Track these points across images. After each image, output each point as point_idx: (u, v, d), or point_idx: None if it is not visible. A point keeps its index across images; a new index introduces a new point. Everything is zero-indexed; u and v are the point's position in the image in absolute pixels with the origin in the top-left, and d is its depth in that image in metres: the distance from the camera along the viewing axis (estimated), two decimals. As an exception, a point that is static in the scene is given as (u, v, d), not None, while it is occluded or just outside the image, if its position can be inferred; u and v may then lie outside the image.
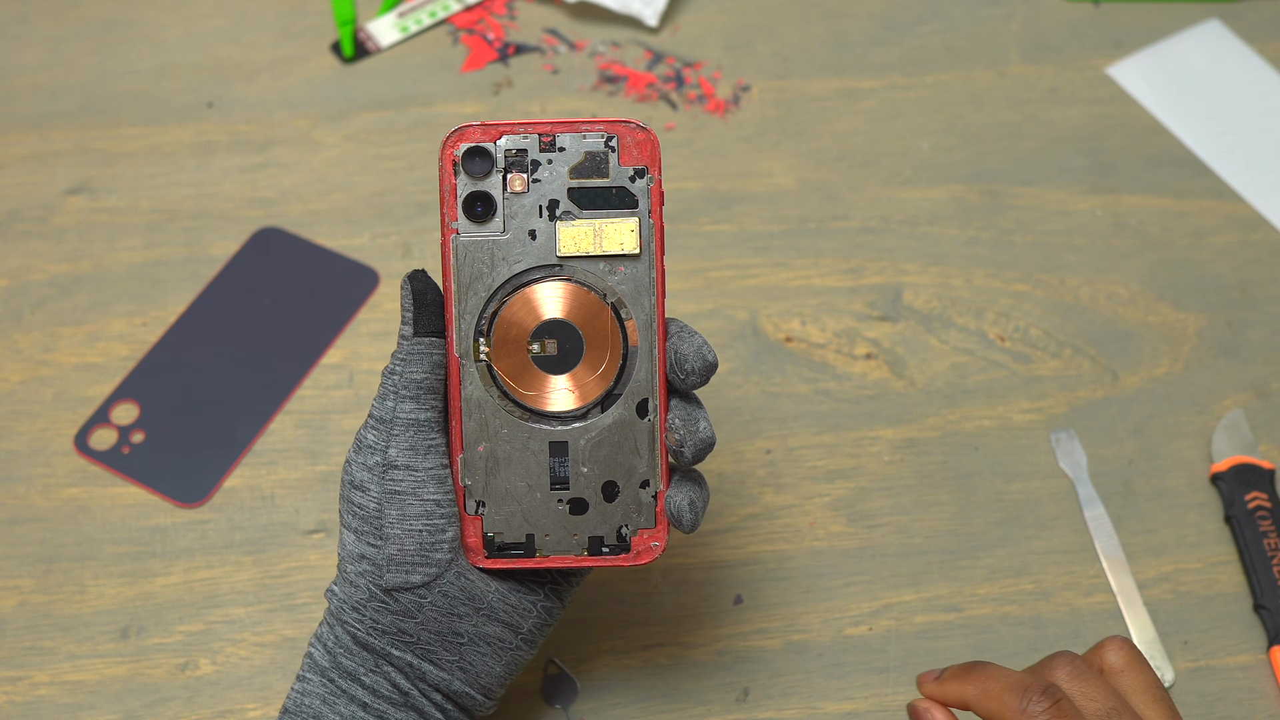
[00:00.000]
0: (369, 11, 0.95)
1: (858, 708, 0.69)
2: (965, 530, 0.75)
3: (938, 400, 0.79)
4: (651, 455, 0.59)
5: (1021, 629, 0.72)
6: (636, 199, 0.58)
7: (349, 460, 0.59)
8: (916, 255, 0.84)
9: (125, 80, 0.91)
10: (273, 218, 0.85)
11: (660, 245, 0.58)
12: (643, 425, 0.59)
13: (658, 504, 0.59)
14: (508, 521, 0.59)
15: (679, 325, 0.59)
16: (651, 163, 0.58)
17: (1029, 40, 0.94)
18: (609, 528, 0.60)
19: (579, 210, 0.58)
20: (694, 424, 0.58)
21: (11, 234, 0.85)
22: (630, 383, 0.59)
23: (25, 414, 0.78)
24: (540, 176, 0.58)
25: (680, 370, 0.58)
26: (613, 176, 0.58)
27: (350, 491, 0.59)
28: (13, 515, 0.75)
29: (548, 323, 0.59)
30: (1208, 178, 0.88)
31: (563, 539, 0.60)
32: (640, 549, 0.60)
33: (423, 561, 0.58)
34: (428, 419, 0.58)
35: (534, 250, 0.58)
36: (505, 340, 0.59)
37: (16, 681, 0.70)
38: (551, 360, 0.59)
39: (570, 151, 0.58)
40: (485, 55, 0.93)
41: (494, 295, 0.58)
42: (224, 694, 0.69)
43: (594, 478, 0.59)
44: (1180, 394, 0.79)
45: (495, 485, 0.59)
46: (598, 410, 0.59)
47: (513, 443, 0.59)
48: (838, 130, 0.90)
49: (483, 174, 0.58)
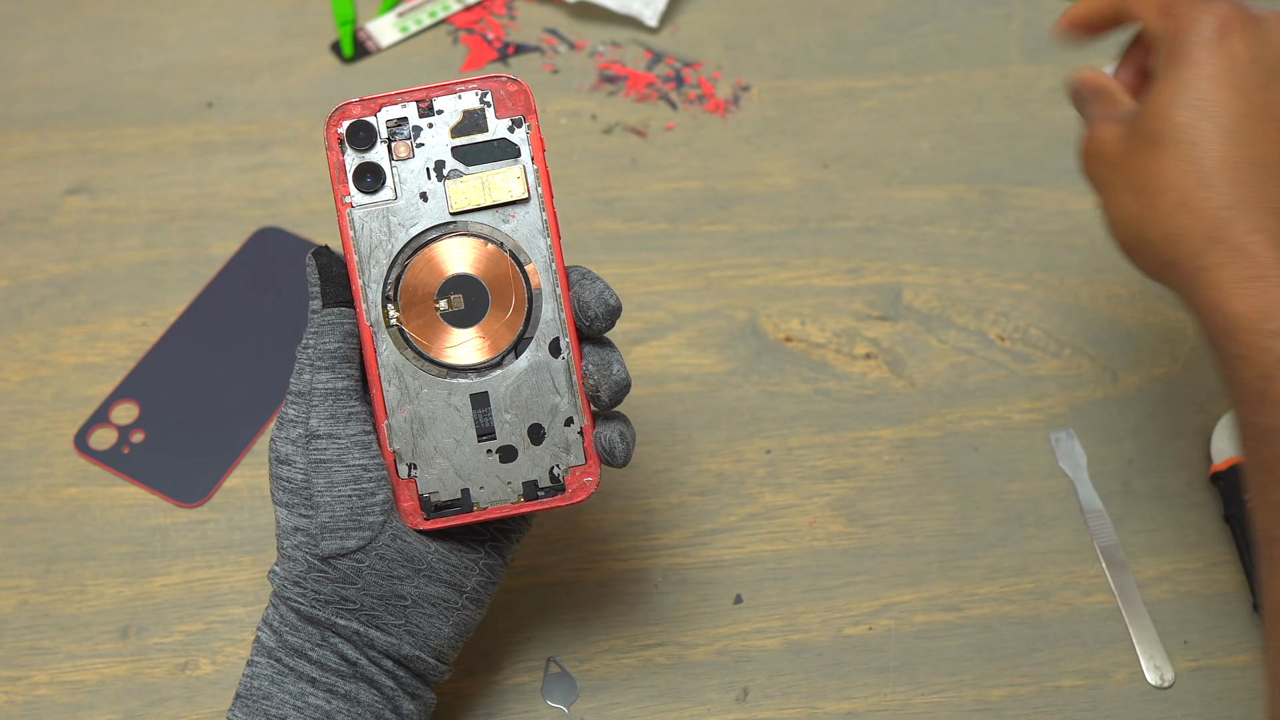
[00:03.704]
0: (369, 11, 0.95)
1: (857, 707, 0.69)
2: (965, 530, 0.75)
3: (937, 400, 0.79)
4: (571, 393, 0.60)
5: (1021, 629, 0.72)
6: (518, 147, 0.60)
7: (273, 438, 0.60)
8: (916, 255, 0.84)
9: (125, 80, 0.91)
10: (273, 218, 0.85)
11: (548, 188, 0.60)
12: (558, 364, 0.60)
13: (585, 440, 0.60)
14: (441, 480, 0.60)
15: (580, 272, 0.60)
16: (527, 111, 0.60)
17: (1029, 40, 0.94)
18: (541, 470, 0.60)
19: (465, 167, 0.60)
20: (607, 368, 0.59)
21: (11, 234, 0.85)
22: (539, 325, 0.60)
23: (25, 414, 0.78)
24: (423, 140, 0.60)
25: (585, 317, 0.59)
26: (492, 130, 0.60)
27: (277, 468, 0.60)
28: (13, 515, 0.75)
29: (451, 279, 0.60)
30: (1208, 177, 0.88)
31: (497, 489, 0.60)
32: (574, 487, 0.60)
33: (355, 526, 0.59)
34: (345, 387, 0.59)
35: (427, 211, 0.60)
36: (413, 302, 0.60)
37: (16, 681, 0.70)
38: (460, 315, 0.60)
39: (448, 113, 0.60)
40: (485, 55, 0.93)
41: (395, 260, 0.60)
42: (224, 694, 0.70)
43: (519, 423, 0.60)
44: (1180, 394, 0.79)
45: (423, 446, 0.60)
46: (512, 356, 0.60)
47: (434, 401, 0.60)
48: (838, 130, 0.90)
49: (368, 146, 0.60)
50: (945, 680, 0.70)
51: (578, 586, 0.73)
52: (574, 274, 0.60)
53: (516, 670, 0.70)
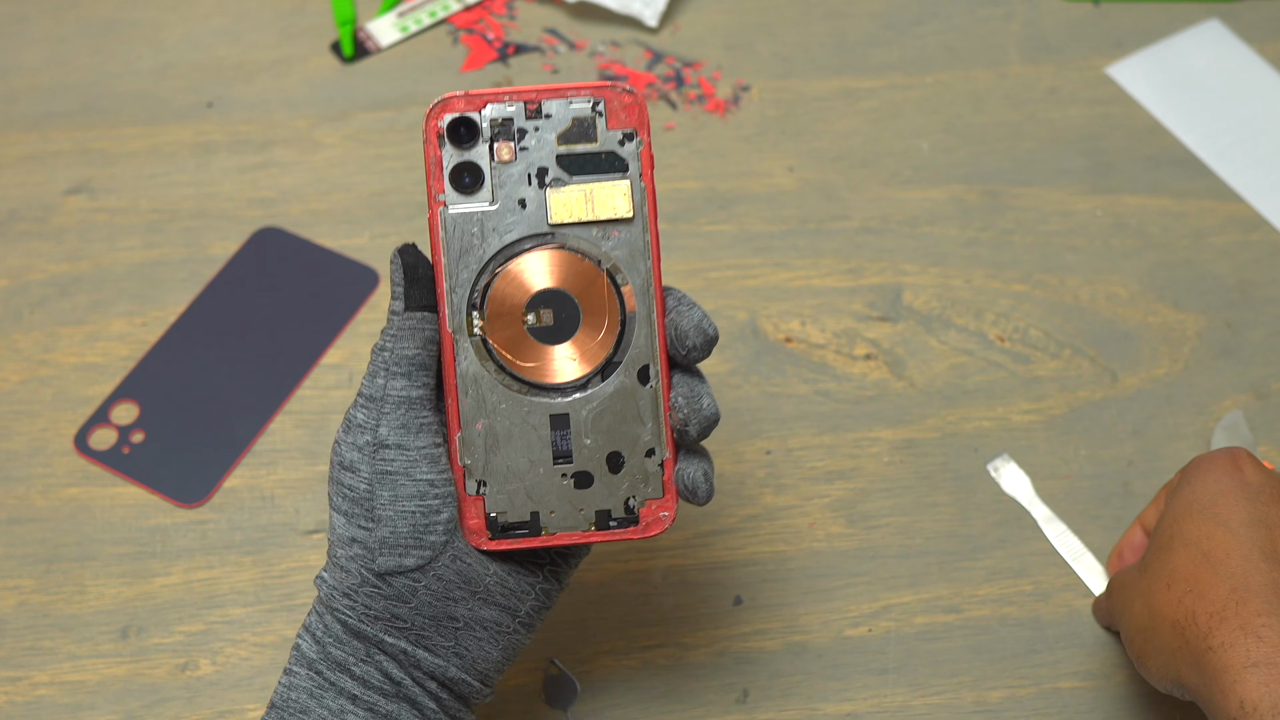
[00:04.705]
0: (369, 11, 0.95)
1: (857, 709, 0.70)
2: (965, 531, 0.75)
3: (937, 401, 0.79)
4: (656, 422, 0.58)
5: (1021, 630, 0.72)
6: (626, 162, 0.57)
7: (338, 441, 0.58)
8: (916, 255, 0.84)
9: (125, 80, 0.91)
10: (273, 218, 0.85)
11: (653, 208, 0.58)
12: (645, 392, 0.58)
13: (665, 473, 0.58)
14: (510, 500, 0.58)
15: (678, 297, 0.58)
16: (640, 125, 0.57)
17: (1029, 40, 0.94)
18: (616, 500, 0.58)
19: (568, 176, 0.57)
20: (697, 401, 0.57)
21: (11, 234, 0.85)
22: (630, 349, 0.58)
23: (25, 414, 0.78)
24: (527, 144, 0.57)
25: (680, 345, 0.57)
26: (601, 141, 0.57)
27: (339, 473, 0.57)
28: (13, 515, 0.75)
29: (542, 292, 0.58)
30: (1208, 178, 0.88)
31: (568, 515, 0.58)
32: (649, 520, 0.58)
33: (416, 544, 0.57)
34: (419, 396, 0.57)
35: (525, 219, 0.57)
36: (499, 312, 0.58)
37: (16, 681, 0.70)
38: (548, 331, 0.58)
39: (557, 118, 0.57)
40: (485, 55, 0.93)
41: (485, 267, 0.57)
42: (224, 694, 0.70)
43: (598, 449, 0.58)
44: (1180, 395, 0.79)
45: (496, 463, 0.58)
46: (598, 379, 0.58)
47: (512, 418, 0.58)
48: (838, 130, 0.90)
49: (468, 144, 0.57)
50: (945, 682, 0.70)
51: (578, 588, 0.73)
52: (671, 298, 0.58)
53: (517, 671, 0.70)
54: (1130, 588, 0.64)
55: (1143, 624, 0.62)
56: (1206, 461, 0.64)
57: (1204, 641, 0.58)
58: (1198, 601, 0.59)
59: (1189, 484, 0.64)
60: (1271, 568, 0.59)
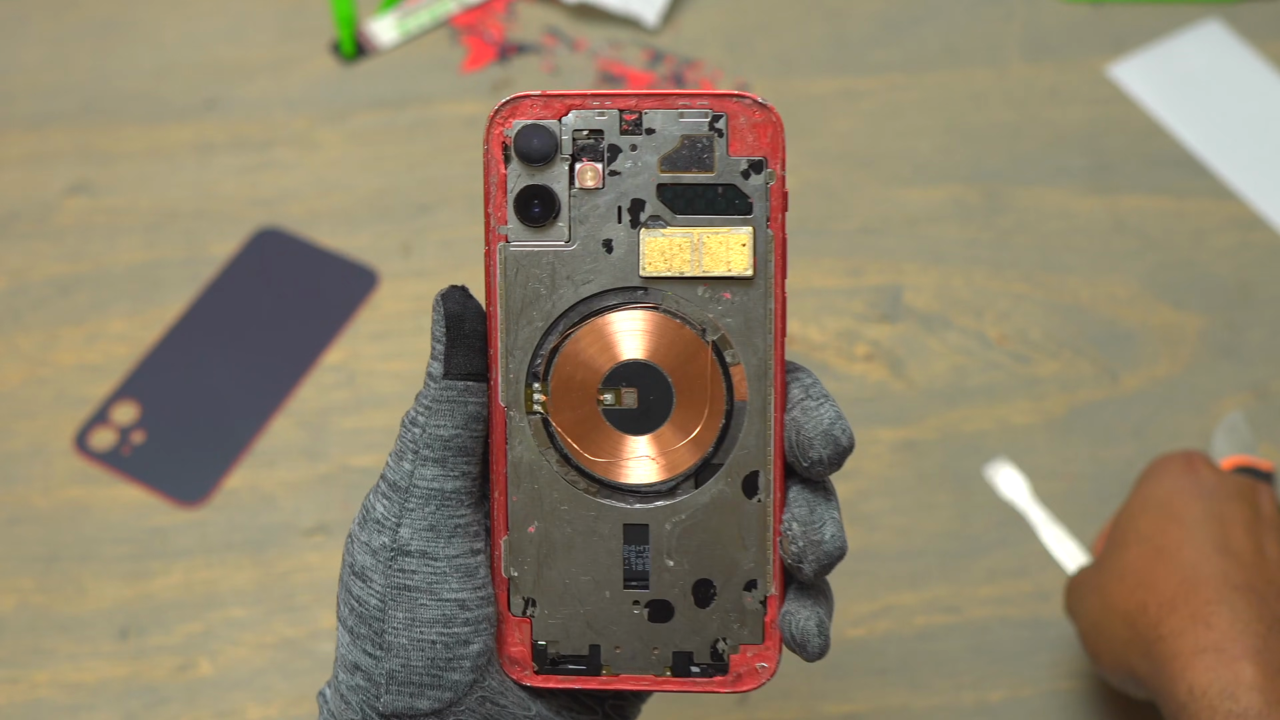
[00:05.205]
0: (369, 11, 0.95)
1: (857, 709, 0.70)
2: (965, 531, 0.75)
3: (937, 401, 0.79)
4: (761, 549, 0.45)
5: (1021, 630, 0.72)
6: (751, 202, 0.44)
7: (350, 536, 0.45)
8: (916, 255, 0.84)
9: (125, 80, 0.91)
10: (273, 218, 0.85)
11: (781, 267, 0.44)
12: (751, 509, 0.45)
13: (767, 613, 0.45)
14: (565, 627, 0.46)
15: (805, 386, 0.45)
16: (772, 152, 0.44)
17: (1029, 40, 0.94)
18: (700, 641, 0.46)
19: (672, 215, 0.44)
20: (818, 529, 0.44)
21: (11, 234, 0.85)
22: (735, 450, 0.45)
23: (25, 414, 0.78)
24: (620, 168, 0.44)
25: (802, 455, 0.44)
26: (719, 170, 0.44)
27: (349, 579, 0.45)
28: (13, 515, 0.75)
29: (626, 364, 0.45)
30: (1208, 178, 0.88)
31: (638, 653, 0.46)
32: (742, 670, 0.46)
33: (434, 684, 0.44)
34: (455, 489, 0.44)
35: (609, 267, 0.44)
36: (568, 387, 0.45)
37: (16, 681, 0.70)
38: (630, 416, 0.45)
39: (662, 135, 0.44)
40: (485, 55, 0.93)
41: (554, 326, 0.45)
42: (224, 694, 0.70)
43: (683, 574, 0.45)
44: (1180, 395, 0.79)
45: (550, 579, 0.46)
46: (690, 485, 0.45)
47: (575, 524, 0.45)
48: (838, 130, 0.90)
49: (544, 162, 0.44)
50: (945, 682, 0.70)
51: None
52: (795, 387, 0.45)
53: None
54: (1085, 584, 0.64)
55: (1096, 618, 0.62)
56: (1163, 463, 0.65)
57: (1154, 630, 0.58)
58: (1149, 593, 0.59)
59: (1145, 484, 0.64)
60: (1222, 559, 0.59)
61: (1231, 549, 0.60)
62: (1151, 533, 0.62)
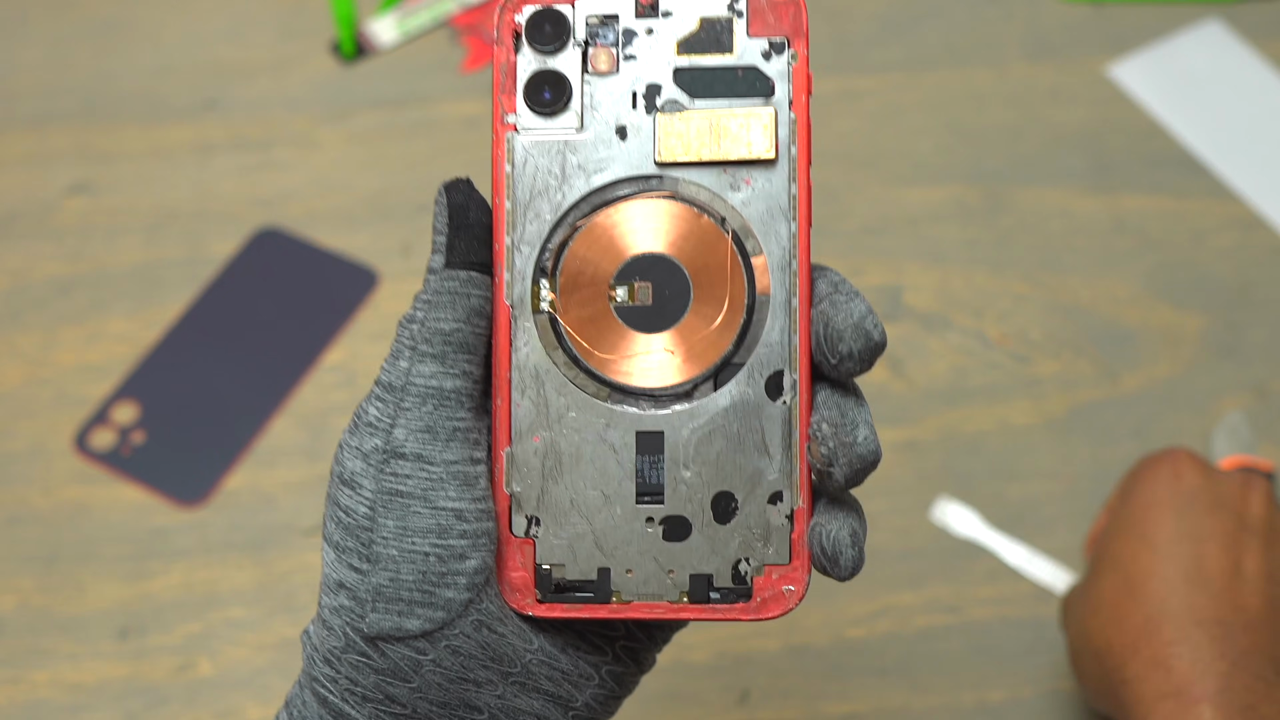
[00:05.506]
0: (369, 11, 0.95)
1: (857, 709, 0.70)
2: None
3: (937, 401, 0.79)
4: (787, 457, 0.41)
5: (1021, 630, 0.72)
6: (772, 82, 0.41)
7: (341, 444, 0.42)
8: (917, 255, 0.84)
9: (125, 80, 0.91)
10: (273, 218, 0.85)
11: (805, 149, 0.42)
12: (775, 411, 0.41)
13: (794, 528, 0.42)
14: (572, 549, 0.42)
15: (833, 281, 0.41)
16: (794, 33, 0.42)
17: (1029, 40, 0.94)
18: (722, 562, 0.42)
19: (689, 99, 0.42)
20: (850, 431, 0.40)
21: (11, 234, 0.85)
22: (758, 348, 0.41)
23: (25, 414, 0.78)
24: (635, 51, 0.42)
25: (831, 351, 0.40)
26: (739, 52, 0.42)
27: (336, 489, 0.41)
28: (13, 515, 0.75)
29: (640, 258, 0.42)
30: (1208, 178, 0.88)
31: (652, 577, 0.42)
32: (766, 595, 0.42)
33: (425, 601, 0.40)
34: (455, 388, 0.41)
35: (623, 154, 0.42)
36: (578, 283, 0.42)
37: (16, 682, 0.70)
38: (644, 313, 0.42)
39: (679, 17, 0.42)
40: (485, 55, 0.93)
41: (564, 218, 0.42)
42: (224, 694, 0.70)
43: (701, 486, 0.42)
44: (1180, 395, 0.79)
45: (556, 494, 0.42)
46: (709, 387, 0.42)
47: (584, 432, 0.42)
48: (838, 130, 0.90)
49: (555, 47, 0.42)
50: (945, 682, 0.70)
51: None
52: (821, 281, 0.42)
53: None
54: (1070, 609, 0.64)
55: (1076, 647, 0.63)
56: (1147, 466, 0.64)
57: (1119, 674, 0.58)
58: (1115, 631, 0.59)
59: (1127, 494, 0.64)
60: (1190, 590, 0.58)
61: (1203, 575, 0.59)
62: (1124, 559, 0.61)
